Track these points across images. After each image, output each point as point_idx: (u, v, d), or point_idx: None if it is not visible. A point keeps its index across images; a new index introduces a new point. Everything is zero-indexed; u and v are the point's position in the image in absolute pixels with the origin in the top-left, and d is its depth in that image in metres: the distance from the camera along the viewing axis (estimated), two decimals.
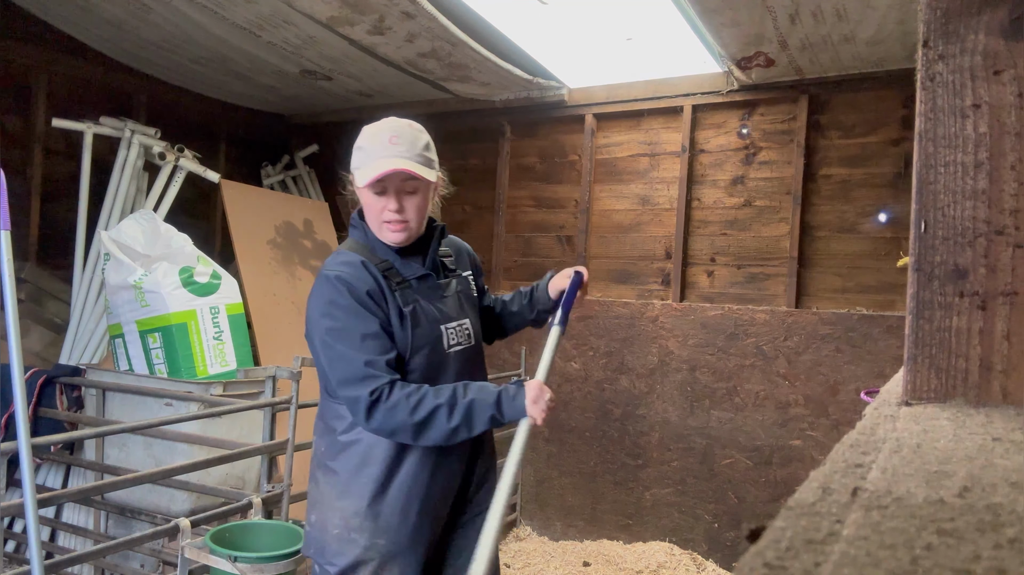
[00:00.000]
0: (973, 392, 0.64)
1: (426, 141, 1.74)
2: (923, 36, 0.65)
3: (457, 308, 1.82)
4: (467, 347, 1.82)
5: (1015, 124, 0.62)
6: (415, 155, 1.68)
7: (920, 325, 0.66)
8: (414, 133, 1.73)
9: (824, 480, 0.44)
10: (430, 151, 1.74)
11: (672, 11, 3.09)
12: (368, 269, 1.71)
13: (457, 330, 1.80)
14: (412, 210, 1.71)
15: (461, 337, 1.81)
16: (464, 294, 1.87)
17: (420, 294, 1.76)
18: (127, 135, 3.70)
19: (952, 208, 0.64)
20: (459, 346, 1.80)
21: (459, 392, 1.65)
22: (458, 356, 1.79)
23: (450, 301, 1.82)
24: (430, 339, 1.74)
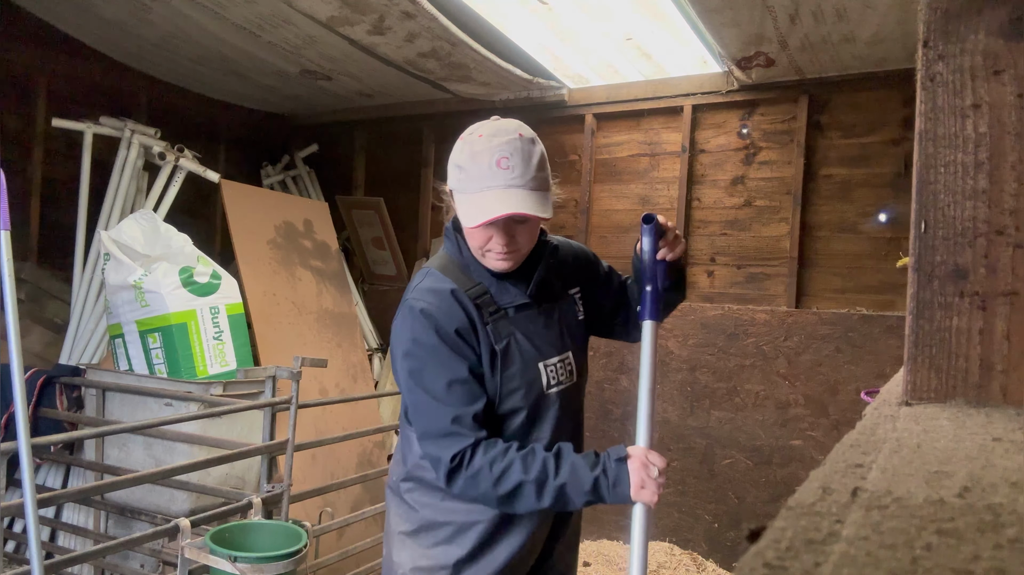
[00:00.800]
0: (973, 392, 0.64)
1: (540, 155, 1.45)
2: (923, 36, 0.65)
3: (559, 339, 1.58)
4: (568, 386, 1.58)
5: (1015, 124, 0.62)
6: (529, 181, 1.41)
7: (920, 325, 0.66)
8: (526, 147, 1.42)
9: (824, 480, 0.44)
10: (545, 169, 1.46)
11: (672, 11, 3.09)
12: (459, 299, 1.48)
13: (559, 367, 1.56)
14: (523, 240, 1.48)
15: (563, 375, 1.57)
16: (568, 321, 1.62)
17: (517, 326, 1.52)
18: (127, 135, 3.70)
19: (952, 208, 0.64)
20: (560, 386, 1.56)
21: (550, 468, 1.40)
22: (559, 397, 1.55)
23: (552, 332, 1.57)
24: (526, 380, 1.50)
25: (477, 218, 1.40)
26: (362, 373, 4.27)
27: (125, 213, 3.63)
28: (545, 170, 1.46)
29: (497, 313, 1.50)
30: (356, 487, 3.81)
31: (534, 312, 1.55)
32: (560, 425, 1.55)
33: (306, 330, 4.02)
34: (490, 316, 1.49)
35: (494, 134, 1.43)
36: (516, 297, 1.54)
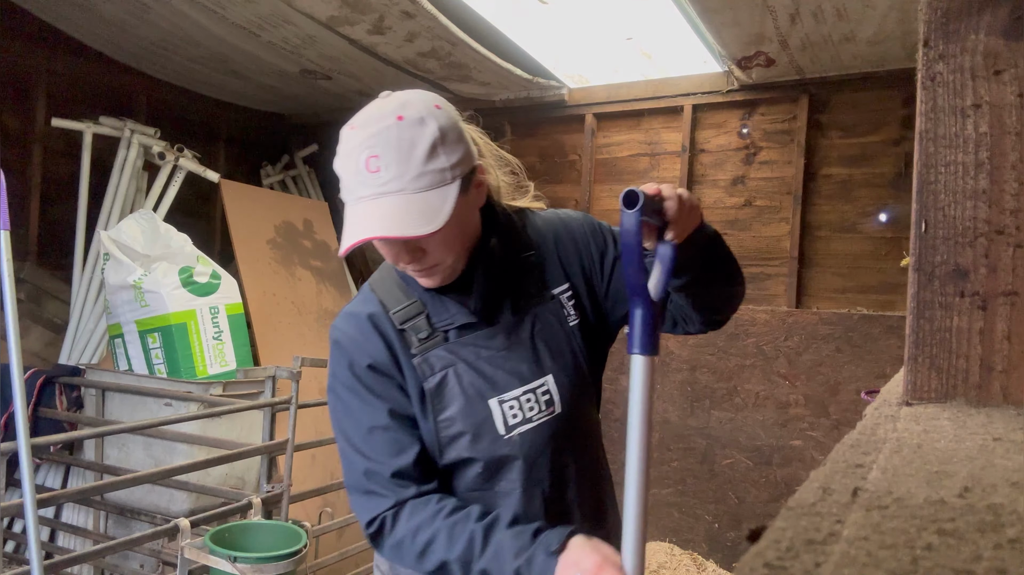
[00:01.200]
0: (974, 392, 0.64)
1: (431, 140, 1.06)
2: (923, 36, 0.65)
3: (529, 364, 1.20)
4: (547, 420, 1.20)
5: (1015, 124, 0.62)
6: (411, 182, 1.05)
7: (921, 325, 0.66)
8: (405, 135, 1.05)
9: (824, 480, 0.44)
10: (438, 157, 1.06)
11: (672, 11, 3.09)
12: (377, 326, 1.19)
13: (523, 401, 1.18)
14: (439, 253, 1.12)
15: (532, 409, 1.19)
16: (545, 334, 1.21)
17: (458, 354, 1.18)
18: (127, 135, 3.70)
19: (953, 208, 0.64)
20: (527, 424, 1.18)
21: (476, 547, 1.09)
22: (533, 438, 1.19)
23: (518, 355, 1.19)
24: (471, 424, 1.17)
25: (344, 242, 1.06)
26: None
27: (125, 213, 3.63)
28: (438, 159, 1.06)
29: (430, 339, 1.18)
30: None
31: (485, 333, 1.19)
32: (535, 475, 1.19)
33: (306, 330, 4.02)
34: (420, 344, 1.18)
35: (365, 123, 1.07)
36: (456, 316, 1.19)
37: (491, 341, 1.19)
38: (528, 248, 1.25)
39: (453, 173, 1.08)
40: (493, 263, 1.19)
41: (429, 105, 1.09)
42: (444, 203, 1.06)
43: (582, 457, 1.27)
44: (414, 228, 1.04)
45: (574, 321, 1.26)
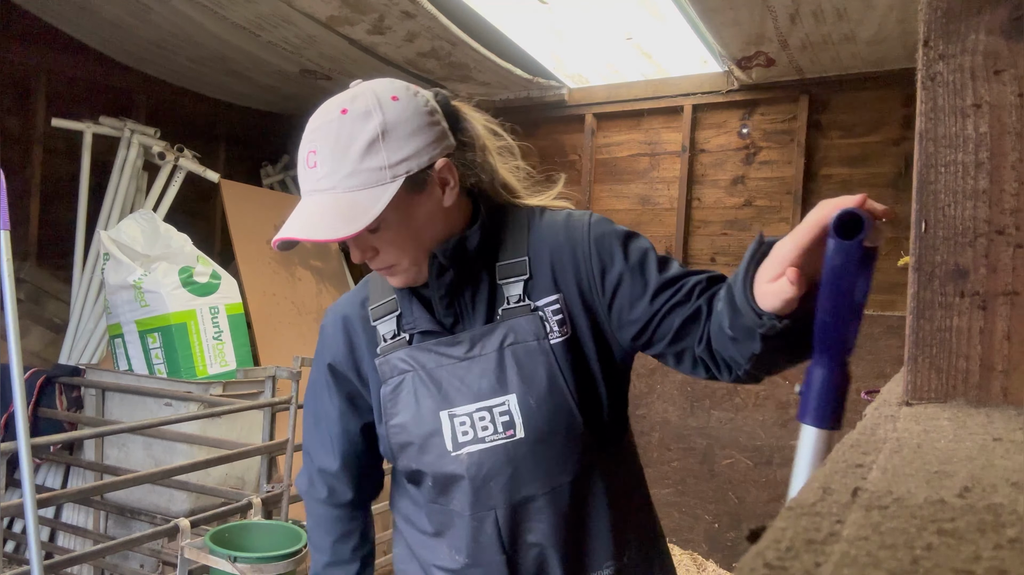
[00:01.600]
0: (974, 392, 0.64)
1: (371, 135, 0.99)
2: (923, 36, 0.65)
3: (491, 376, 1.09)
4: (504, 443, 1.08)
5: (1016, 124, 0.62)
6: (343, 179, 0.99)
7: (920, 325, 0.66)
8: (345, 130, 0.99)
9: (824, 480, 0.44)
10: (377, 153, 0.99)
11: (672, 11, 3.09)
12: (347, 324, 1.19)
13: (476, 418, 1.09)
14: (392, 251, 1.07)
15: (485, 429, 1.09)
16: (517, 349, 1.09)
17: (421, 358, 1.12)
18: (127, 135, 3.70)
19: (953, 208, 0.64)
20: (478, 444, 1.09)
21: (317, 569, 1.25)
22: (482, 459, 1.09)
23: (478, 366, 1.09)
24: (419, 435, 1.11)
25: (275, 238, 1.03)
26: None
27: (125, 213, 3.63)
28: (376, 156, 0.98)
29: (395, 340, 1.14)
30: None
31: (447, 340, 1.11)
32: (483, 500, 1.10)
33: (306, 330, 4.02)
34: (385, 344, 1.14)
35: (316, 115, 1.04)
36: (419, 320, 1.13)
37: (452, 349, 1.10)
38: (519, 252, 1.12)
39: (395, 171, 1.00)
40: (466, 266, 1.10)
41: (384, 97, 1.02)
42: (374, 204, 0.98)
43: (558, 495, 1.11)
44: (330, 231, 0.98)
45: (557, 338, 1.09)
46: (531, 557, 1.12)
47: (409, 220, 1.04)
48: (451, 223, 1.10)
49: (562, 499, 1.11)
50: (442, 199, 1.06)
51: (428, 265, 1.09)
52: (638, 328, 1.08)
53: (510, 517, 1.11)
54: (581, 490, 1.13)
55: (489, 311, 1.11)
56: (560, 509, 1.11)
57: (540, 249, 1.12)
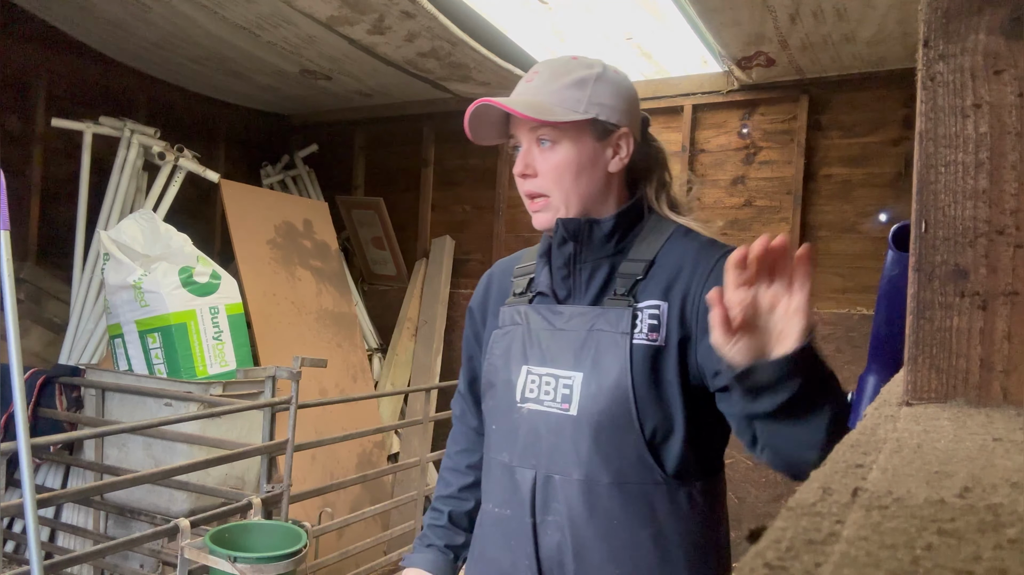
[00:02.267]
0: (974, 392, 0.64)
1: (582, 74, 1.13)
2: (923, 36, 0.65)
3: (569, 352, 1.15)
4: (555, 412, 1.14)
5: (1016, 124, 0.62)
6: (547, 93, 1.12)
7: (920, 325, 0.66)
8: (568, 66, 1.15)
9: (824, 480, 0.44)
10: (584, 87, 1.12)
11: (672, 11, 3.09)
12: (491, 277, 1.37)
13: (544, 381, 1.15)
14: (547, 177, 1.15)
15: (546, 394, 1.15)
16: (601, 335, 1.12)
17: (531, 317, 1.21)
18: (127, 135, 3.70)
19: (953, 208, 0.64)
20: (536, 405, 1.16)
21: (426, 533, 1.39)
22: (532, 419, 1.16)
23: (565, 339, 1.16)
24: (499, 379, 1.23)
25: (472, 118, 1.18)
26: (362, 373, 4.27)
27: (125, 213, 3.63)
28: (584, 90, 1.11)
29: (521, 296, 1.26)
30: (356, 487, 3.81)
31: (555, 307, 1.20)
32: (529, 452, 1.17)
33: (306, 330, 4.02)
34: (515, 298, 1.27)
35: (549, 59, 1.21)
36: (541, 284, 1.23)
37: (554, 317, 1.18)
38: (647, 255, 1.16)
39: (590, 108, 1.12)
40: (591, 247, 1.17)
41: (611, 65, 1.19)
42: (563, 115, 1.10)
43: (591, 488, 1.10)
44: (520, 108, 1.10)
45: (642, 340, 1.10)
46: (550, 533, 1.14)
47: (578, 157, 1.14)
48: (605, 195, 1.19)
49: (595, 496, 1.10)
50: (609, 163, 1.17)
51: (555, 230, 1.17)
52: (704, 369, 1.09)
53: (544, 485, 1.14)
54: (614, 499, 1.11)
55: (599, 295, 1.17)
56: (590, 504, 1.11)
57: (667, 259, 1.15)
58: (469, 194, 4.70)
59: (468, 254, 4.70)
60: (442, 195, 4.82)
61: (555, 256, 1.19)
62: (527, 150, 1.16)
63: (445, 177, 4.81)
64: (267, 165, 4.98)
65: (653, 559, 1.11)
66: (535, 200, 1.17)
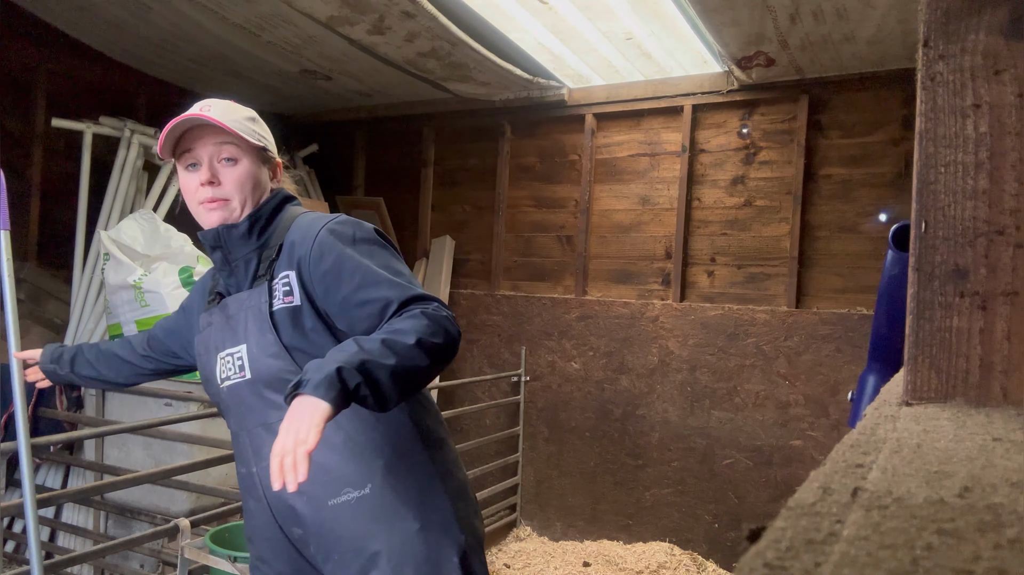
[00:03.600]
0: (974, 392, 0.64)
1: (249, 112, 1.47)
2: (923, 36, 0.65)
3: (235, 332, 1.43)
4: (239, 382, 1.41)
5: (1015, 124, 0.62)
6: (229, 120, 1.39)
7: (920, 325, 0.66)
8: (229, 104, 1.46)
9: (824, 480, 0.44)
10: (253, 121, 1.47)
11: (672, 11, 3.09)
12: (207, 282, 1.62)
13: (227, 360, 1.43)
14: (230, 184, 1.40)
15: (231, 369, 1.42)
16: (251, 310, 1.41)
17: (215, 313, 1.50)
18: (127, 135, 3.70)
19: (952, 208, 0.64)
20: (228, 381, 1.43)
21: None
22: (231, 392, 1.43)
23: (233, 322, 1.43)
24: (205, 373, 1.50)
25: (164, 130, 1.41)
26: None
27: (125, 213, 3.63)
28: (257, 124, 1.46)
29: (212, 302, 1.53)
30: None
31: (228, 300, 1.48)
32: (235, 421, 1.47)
33: None
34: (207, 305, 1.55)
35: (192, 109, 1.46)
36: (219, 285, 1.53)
37: (225, 309, 1.45)
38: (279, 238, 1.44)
39: (261, 138, 1.45)
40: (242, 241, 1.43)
41: None
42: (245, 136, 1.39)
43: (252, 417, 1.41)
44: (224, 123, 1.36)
45: (280, 305, 1.38)
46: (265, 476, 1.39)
47: (255, 173, 1.43)
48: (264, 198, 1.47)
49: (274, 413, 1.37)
50: (271, 180, 1.50)
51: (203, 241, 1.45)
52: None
53: (253, 439, 1.42)
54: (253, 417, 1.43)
55: (255, 276, 1.44)
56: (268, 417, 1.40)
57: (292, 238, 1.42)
58: (469, 194, 4.71)
59: (468, 254, 4.71)
60: (442, 195, 4.82)
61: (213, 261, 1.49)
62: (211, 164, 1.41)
63: (445, 177, 4.81)
64: None
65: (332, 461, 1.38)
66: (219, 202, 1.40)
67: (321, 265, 1.35)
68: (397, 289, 1.30)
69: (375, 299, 1.30)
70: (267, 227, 1.45)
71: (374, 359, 1.15)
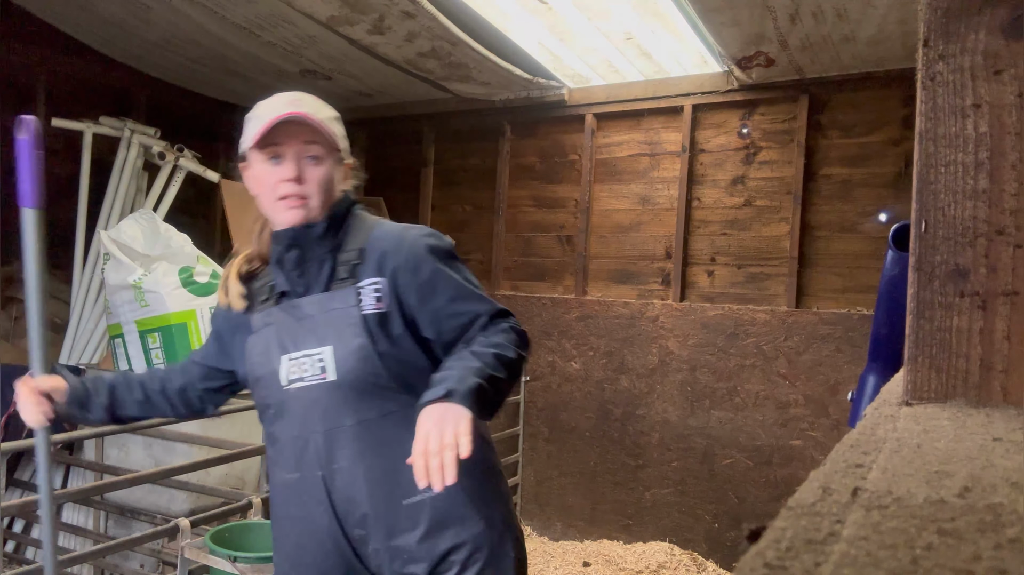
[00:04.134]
0: (973, 392, 0.64)
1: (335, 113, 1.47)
2: (923, 36, 0.65)
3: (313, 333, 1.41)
4: (319, 383, 1.40)
5: (1015, 124, 0.62)
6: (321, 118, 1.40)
7: (920, 325, 0.66)
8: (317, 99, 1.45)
9: (824, 480, 0.44)
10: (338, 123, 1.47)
11: (672, 11, 3.09)
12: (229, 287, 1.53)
13: (303, 362, 1.40)
14: (314, 182, 1.40)
15: (305, 371, 1.40)
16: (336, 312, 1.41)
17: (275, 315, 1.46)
18: (127, 135, 3.70)
19: (952, 208, 0.64)
20: (301, 383, 1.41)
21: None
22: (301, 395, 1.41)
23: (307, 324, 1.42)
24: (262, 373, 1.46)
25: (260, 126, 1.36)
26: None
27: (125, 213, 3.63)
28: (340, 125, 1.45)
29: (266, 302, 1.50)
30: None
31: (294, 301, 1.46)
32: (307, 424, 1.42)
33: None
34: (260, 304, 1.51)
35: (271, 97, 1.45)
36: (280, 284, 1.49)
37: (290, 311, 1.43)
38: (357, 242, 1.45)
39: (342, 140, 1.45)
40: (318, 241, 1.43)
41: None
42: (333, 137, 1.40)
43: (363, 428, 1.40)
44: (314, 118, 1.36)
45: (371, 310, 1.40)
46: (339, 478, 1.41)
47: (334, 173, 1.44)
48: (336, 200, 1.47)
49: (368, 432, 1.40)
50: (343, 181, 1.50)
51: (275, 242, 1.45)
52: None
53: (327, 440, 1.40)
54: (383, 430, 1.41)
55: (328, 280, 1.44)
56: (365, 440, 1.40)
57: (371, 245, 1.44)
58: (469, 194, 4.70)
59: (468, 254, 4.71)
60: (442, 195, 4.82)
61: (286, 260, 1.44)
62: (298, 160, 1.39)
63: (445, 177, 4.81)
64: None
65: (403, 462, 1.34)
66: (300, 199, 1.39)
67: (418, 276, 1.40)
68: (486, 304, 1.43)
69: (466, 312, 1.41)
70: (339, 229, 1.47)
71: (494, 373, 1.26)
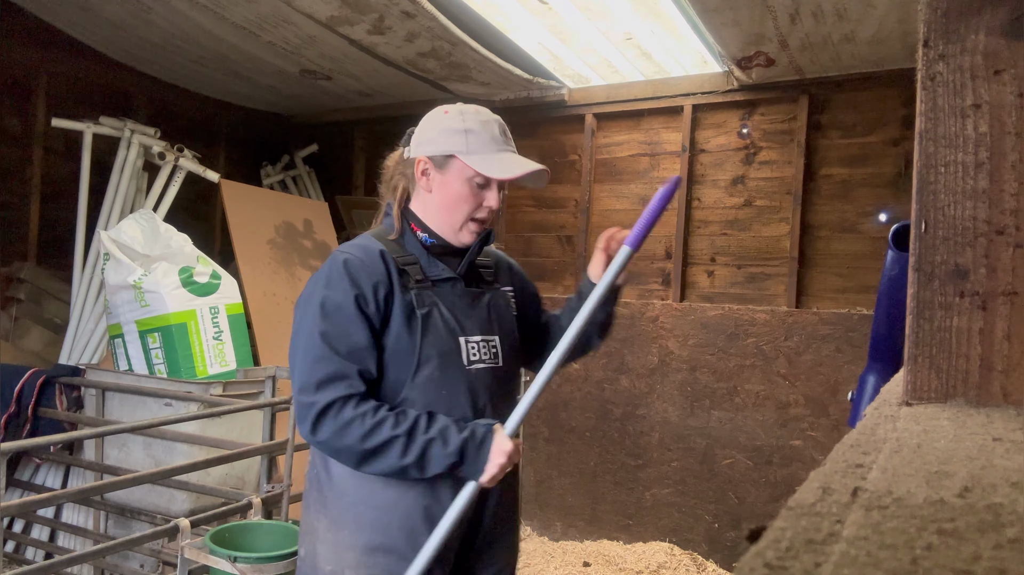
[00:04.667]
0: (973, 392, 0.64)
1: None
2: (923, 36, 0.65)
3: (485, 323, 1.60)
4: (492, 367, 1.58)
5: (1015, 124, 0.62)
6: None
7: (920, 325, 0.66)
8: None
9: (824, 480, 0.44)
10: None
11: (672, 11, 3.09)
12: (385, 260, 1.51)
13: (481, 346, 1.57)
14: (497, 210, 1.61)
15: (485, 354, 1.58)
16: (498, 309, 1.63)
17: (442, 299, 1.54)
18: (127, 135, 3.70)
19: (952, 208, 0.64)
20: (481, 364, 1.56)
21: (421, 424, 1.43)
22: (480, 375, 1.56)
23: (479, 313, 1.59)
24: (444, 350, 1.51)
25: (512, 171, 1.53)
26: None
27: (125, 213, 3.63)
28: None
29: (422, 283, 1.54)
30: None
31: (460, 289, 1.59)
32: (477, 403, 1.54)
33: None
34: (415, 284, 1.53)
35: (486, 110, 1.65)
36: (443, 271, 1.59)
37: (465, 298, 1.59)
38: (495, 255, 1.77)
39: None
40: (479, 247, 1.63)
41: None
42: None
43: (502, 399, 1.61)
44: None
45: (515, 312, 1.72)
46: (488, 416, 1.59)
47: None
48: None
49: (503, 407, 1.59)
50: None
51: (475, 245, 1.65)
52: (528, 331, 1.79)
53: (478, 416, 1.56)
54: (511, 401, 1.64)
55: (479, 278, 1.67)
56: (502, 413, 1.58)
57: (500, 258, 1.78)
58: None
59: None
60: None
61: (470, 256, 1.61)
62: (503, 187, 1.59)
63: None
64: (267, 165, 4.98)
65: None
66: (488, 222, 1.60)
67: (529, 287, 1.80)
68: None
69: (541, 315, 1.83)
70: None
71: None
